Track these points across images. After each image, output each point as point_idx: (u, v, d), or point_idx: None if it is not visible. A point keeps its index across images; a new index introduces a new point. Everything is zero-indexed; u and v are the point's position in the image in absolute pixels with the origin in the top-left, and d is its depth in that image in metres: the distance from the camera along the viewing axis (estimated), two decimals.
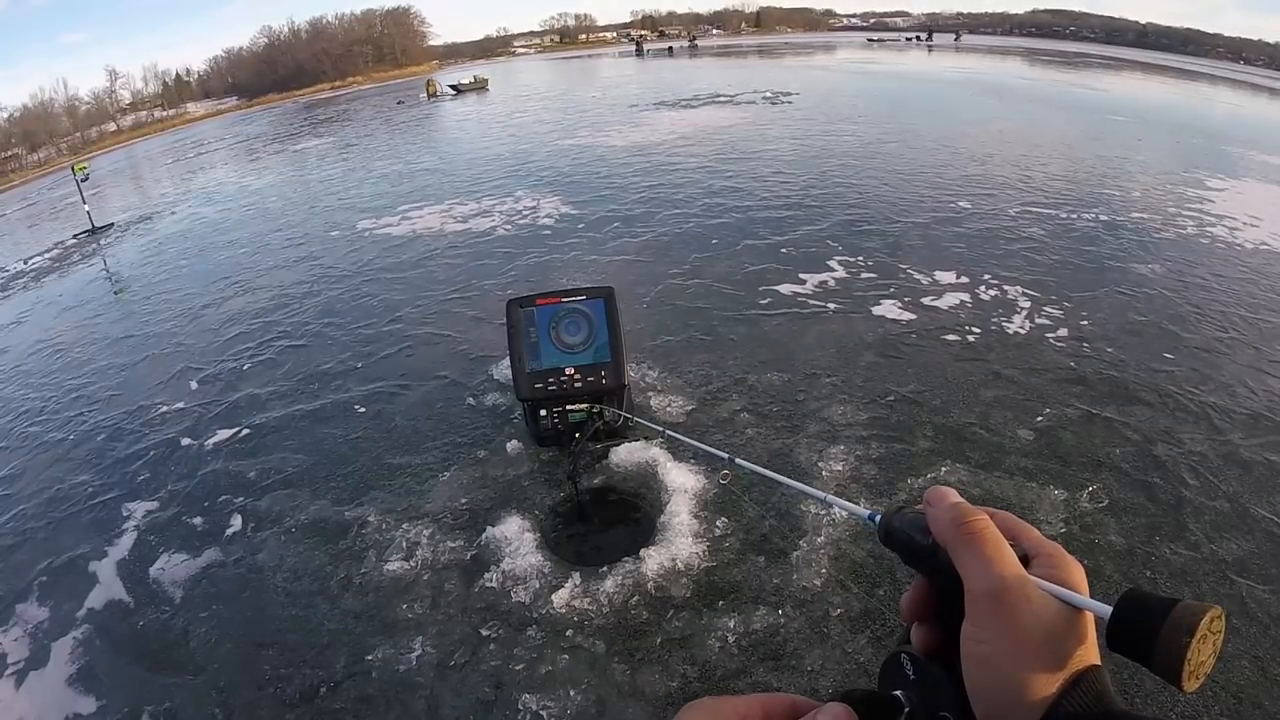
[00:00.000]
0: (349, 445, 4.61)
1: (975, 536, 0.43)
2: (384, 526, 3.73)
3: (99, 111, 56.22)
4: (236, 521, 4.02)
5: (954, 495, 0.47)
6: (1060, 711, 0.39)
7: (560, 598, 3.13)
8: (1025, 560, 0.44)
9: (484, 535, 3.53)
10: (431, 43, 76.85)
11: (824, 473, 3.83)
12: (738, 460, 1.68)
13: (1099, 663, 0.42)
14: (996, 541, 0.43)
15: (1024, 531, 0.46)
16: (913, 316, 5.73)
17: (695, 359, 5.19)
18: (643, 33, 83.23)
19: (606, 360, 3.78)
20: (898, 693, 0.47)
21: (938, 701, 0.45)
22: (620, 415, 3.79)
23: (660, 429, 3.05)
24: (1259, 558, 3.18)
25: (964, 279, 6.41)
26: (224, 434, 4.99)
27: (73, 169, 13.33)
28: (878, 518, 0.54)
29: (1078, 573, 0.43)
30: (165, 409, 5.50)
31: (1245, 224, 8.15)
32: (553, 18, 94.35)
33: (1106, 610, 0.40)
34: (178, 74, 65.79)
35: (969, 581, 0.43)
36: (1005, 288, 6.20)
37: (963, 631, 0.43)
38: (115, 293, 9.20)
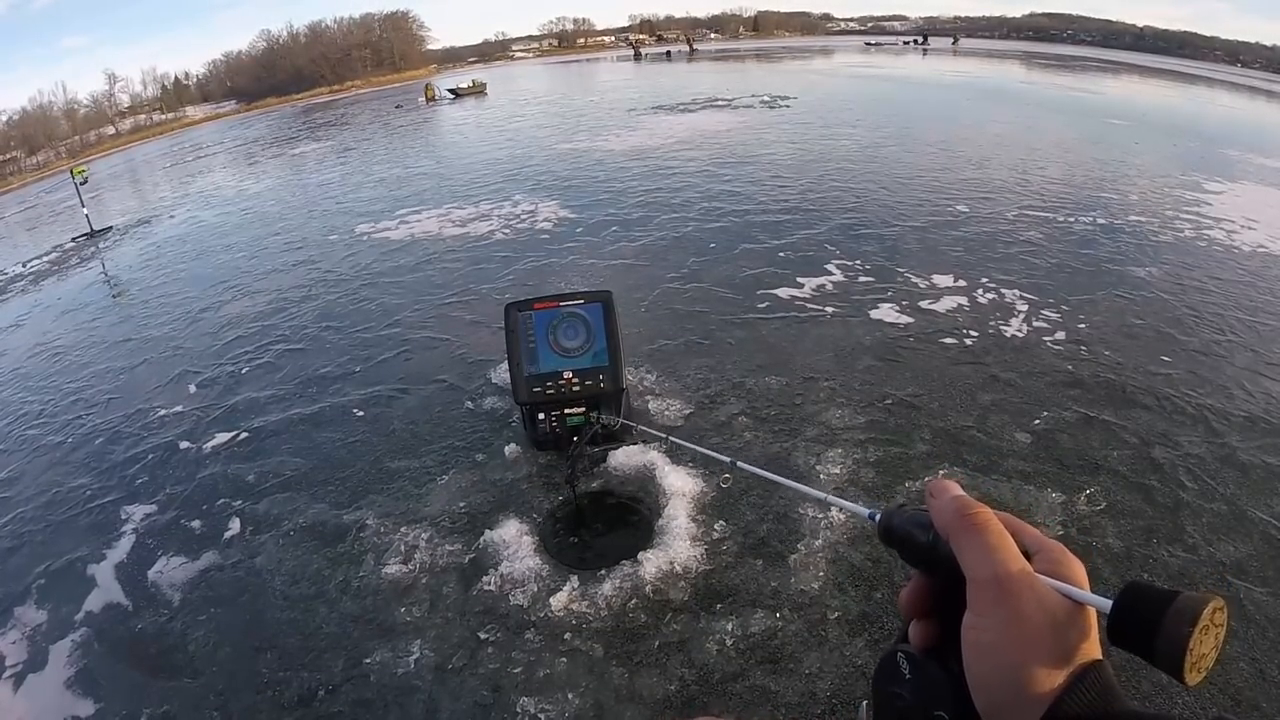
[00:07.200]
0: (347, 449, 4.61)
1: (979, 527, 0.44)
2: (382, 530, 3.73)
3: (98, 115, 56.22)
4: (235, 525, 4.01)
5: (956, 488, 0.47)
6: (1063, 711, 0.39)
7: (558, 601, 3.12)
8: (1026, 556, 0.44)
9: (482, 539, 3.53)
10: (430, 47, 77.03)
11: (822, 476, 3.84)
12: (739, 464, 1.68)
13: (1102, 657, 0.41)
14: (1000, 532, 0.43)
15: (1024, 530, 0.46)
16: (910, 320, 5.73)
17: (693, 363, 5.19)
18: (640, 37, 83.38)
19: (605, 364, 3.78)
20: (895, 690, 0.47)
21: (934, 700, 0.45)
22: (619, 422, 3.79)
23: (663, 435, 3.05)
24: (1257, 560, 3.19)
25: (961, 282, 6.42)
26: (222, 437, 4.98)
27: (71, 172, 13.26)
28: (877, 516, 0.54)
29: (1079, 570, 0.43)
30: (164, 412, 5.50)
31: (1243, 227, 8.18)
32: (551, 22, 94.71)
33: (1107, 604, 0.39)
34: (176, 78, 65.96)
35: (971, 570, 0.43)
36: (1003, 291, 6.21)
37: (964, 621, 0.43)
38: (114, 296, 9.19)
